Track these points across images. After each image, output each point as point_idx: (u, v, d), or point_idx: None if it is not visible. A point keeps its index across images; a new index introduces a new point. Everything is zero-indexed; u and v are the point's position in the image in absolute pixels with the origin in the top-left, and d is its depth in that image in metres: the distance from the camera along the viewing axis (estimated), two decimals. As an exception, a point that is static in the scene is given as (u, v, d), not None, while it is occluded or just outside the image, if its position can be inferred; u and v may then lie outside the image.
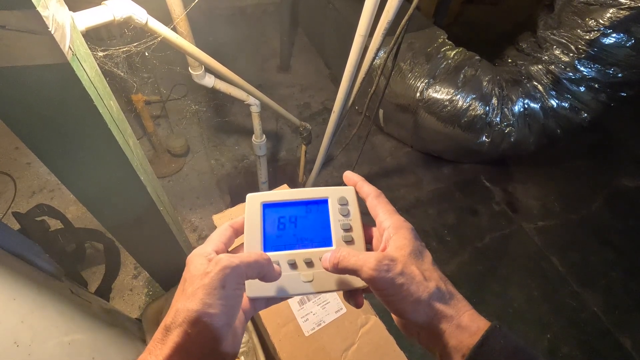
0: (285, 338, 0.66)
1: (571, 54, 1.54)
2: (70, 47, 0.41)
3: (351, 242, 0.35)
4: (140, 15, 0.57)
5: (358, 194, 0.37)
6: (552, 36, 1.60)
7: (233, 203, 1.66)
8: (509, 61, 1.82)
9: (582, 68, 1.54)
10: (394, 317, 0.32)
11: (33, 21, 0.35)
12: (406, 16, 0.77)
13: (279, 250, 0.35)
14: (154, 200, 0.69)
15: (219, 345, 0.27)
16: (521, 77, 1.69)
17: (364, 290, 0.34)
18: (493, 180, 1.93)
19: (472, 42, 1.91)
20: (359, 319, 0.68)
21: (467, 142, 1.74)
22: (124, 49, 0.62)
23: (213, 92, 2.01)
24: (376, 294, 0.31)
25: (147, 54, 0.66)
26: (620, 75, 1.52)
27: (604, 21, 1.41)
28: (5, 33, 0.35)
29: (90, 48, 0.48)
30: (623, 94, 1.60)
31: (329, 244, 0.35)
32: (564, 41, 1.55)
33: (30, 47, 0.37)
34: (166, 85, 1.95)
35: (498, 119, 1.66)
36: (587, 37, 1.47)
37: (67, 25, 0.41)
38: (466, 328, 0.28)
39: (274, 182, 1.69)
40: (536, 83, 1.65)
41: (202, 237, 1.55)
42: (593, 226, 1.79)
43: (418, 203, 1.79)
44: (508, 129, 1.68)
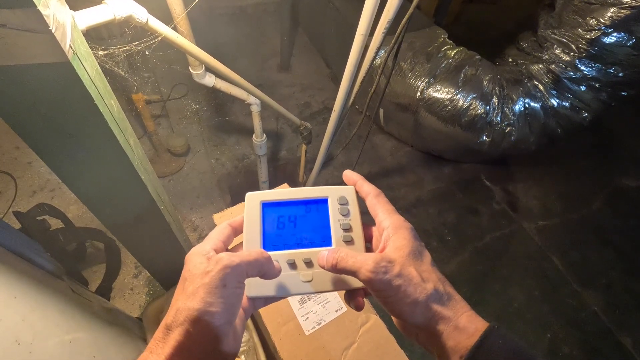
0: (285, 337, 0.66)
1: (572, 53, 1.54)
2: (70, 46, 0.41)
3: (351, 242, 0.35)
4: (140, 14, 0.57)
5: (358, 194, 0.37)
6: (553, 35, 1.60)
7: (233, 202, 1.66)
8: (510, 60, 1.82)
9: (583, 67, 1.54)
10: (393, 318, 0.32)
11: (34, 20, 0.35)
12: (406, 15, 0.77)
13: (278, 249, 0.35)
14: (155, 199, 0.69)
15: (220, 343, 0.27)
16: (522, 77, 1.69)
17: (365, 292, 0.34)
18: (493, 179, 1.93)
19: (473, 42, 1.91)
20: (360, 318, 0.68)
21: (468, 142, 1.74)
22: (125, 48, 0.62)
23: (213, 92, 2.02)
24: (374, 295, 0.31)
25: (148, 53, 0.66)
26: (621, 74, 1.52)
27: (605, 20, 1.41)
28: (6, 32, 0.35)
29: (90, 47, 0.48)
30: (624, 93, 1.60)
31: (329, 244, 0.35)
32: (565, 40, 1.55)
33: (31, 46, 0.37)
34: (167, 84, 1.96)
35: (499, 119, 1.66)
36: (588, 36, 1.47)
37: (68, 24, 0.41)
38: (464, 329, 0.28)
39: (275, 182, 1.69)
40: (537, 82, 1.65)
41: (203, 237, 1.55)
42: (593, 226, 1.79)
43: (418, 202, 1.79)
44: (508, 129, 1.68)
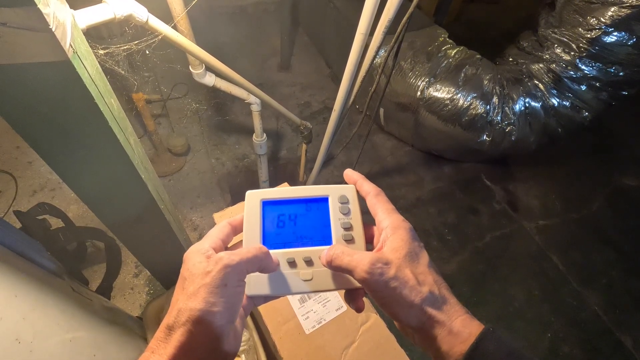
0: (285, 336, 0.66)
1: (572, 53, 1.54)
2: (71, 45, 0.41)
3: (351, 241, 0.35)
4: (140, 13, 0.57)
5: (358, 193, 0.37)
6: (554, 35, 1.59)
7: (234, 202, 1.66)
8: (510, 60, 1.81)
9: (584, 67, 1.53)
10: (395, 322, 0.32)
11: (34, 19, 0.35)
12: (407, 15, 0.77)
13: (278, 248, 0.35)
14: (155, 198, 0.69)
15: (222, 343, 0.28)
16: (522, 76, 1.69)
17: (365, 292, 0.34)
18: (494, 179, 1.93)
19: (473, 41, 1.91)
20: (360, 317, 0.68)
21: (468, 141, 1.74)
22: (125, 47, 0.62)
23: (214, 91, 2.02)
24: (370, 295, 0.31)
25: (148, 53, 0.66)
26: (621, 73, 1.52)
27: (606, 19, 1.41)
28: (6, 30, 0.35)
29: (91, 46, 0.48)
30: (624, 93, 1.60)
31: (329, 243, 0.35)
32: (565, 40, 1.55)
33: (31, 45, 0.37)
34: (167, 84, 1.96)
35: (499, 118, 1.66)
36: (589, 36, 1.47)
37: (68, 23, 0.41)
38: (457, 334, 0.28)
39: (275, 181, 1.69)
40: (537, 82, 1.65)
41: (203, 236, 1.55)
42: (594, 225, 1.79)
43: (419, 202, 1.79)
44: (509, 128, 1.68)
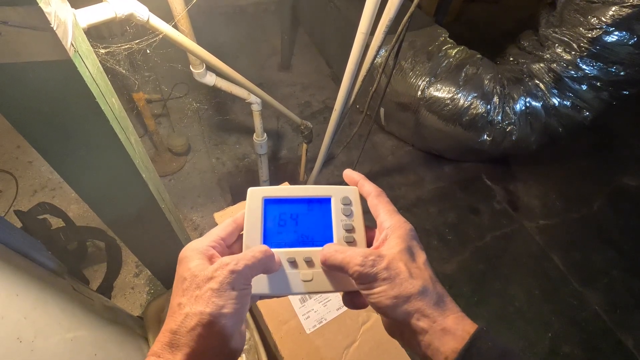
0: (286, 335, 0.66)
1: (573, 52, 1.53)
2: (72, 44, 0.41)
3: (353, 243, 0.35)
4: (141, 12, 0.57)
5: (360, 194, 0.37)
6: (554, 34, 1.59)
7: (234, 201, 1.66)
8: (511, 59, 1.81)
9: (584, 66, 1.53)
10: (382, 319, 0.31)
11: (35, 17, 0.35)
12: (407, 14, 0.77)
13: (279, 247, 0.34)
14: (156, 198, 0.69)
15: (230, 343, 0.27)
16: (523, 76, 1.69)
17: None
18: (494, 179, 1.93)
19: (474, 41, 1.91)
20: (360, 317, 0.68)
21: (469, 141, 1.74)
22: (126, 47, 0.62)
23: (214, 91, 2.02)
24: (362, 292, 0.30)
25: (149, 52, 0.66)
26: (622, 73, 1.52)
27: (607, 19, 1.41)
28: (7, 29, 0.35)
29: (92, 45, 0.48)
30: (625, 93, 1.60)
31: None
32: (566, 39, 1.55)
33: (32, 44, 0.37)
34: (167, 83, 1.96)
35: (499, 118, 1.66)
36: (590, 35, 1.46)
37: (69, 22, 0.41)
38: (450, 331, 0.27)
39: (275, 181, 1.69)
40: (538, 81, 1.65)
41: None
42: (595, 225, 1.79)
43: (419, 202, 1.79)
44: (509, 128, 1.68)
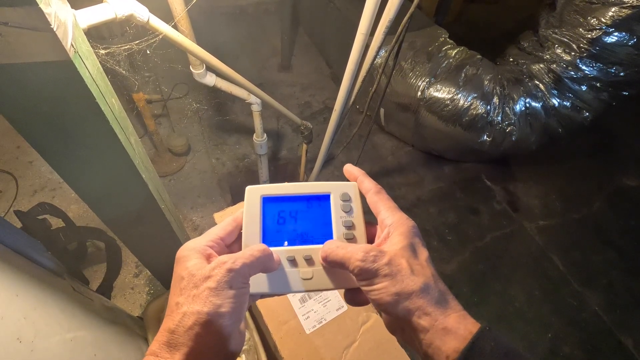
0: (286, 336, 0.66)
1: (573, 53, 1.53)
2: (72, 45, 0.41)
3: (353, 240, 0.34)
4: (141, 13, 0.57)
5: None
6: (554, 35, 1.59)
7: (234, 202, 1.66)
8: (511, 60, 1.81)
9: (584, 67, 1.53)
10: (383, 317, 0.31)
11: (35, 18, 0.35)
12: (407, 15, 0.77)
13: (278, 245, 0.34)
14: (156, 198, 0.69)
15: (228, 343, 0.27)
16: (523, 76, 1.69)
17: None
18: (494, 179, 1.93)
19: (474, 41, 1.91)
20: (360, 317, 0.68)
21: (468, 141, 1.74)
22: (126, 47, 0.62)
23: (214, 91, 2.02)
24: (362, 288, 0.30)
25: (149, 52, 0.66)
26: (622, 74, 1.52)
27: (606, 20, 1.41)
28: (7, 30, 0.35)
29: (92, 46, 0.49)
30: (625, 93, 1.60)
31: None
32: (566, 40, 1.55)
33: (32, 44, 0.37)
34: (167, 84, 1.96)
35: (499, 118, 1.66)
36: (589, 36, 1.47)
37: (69, 22, 0.41)
38: (452, 330, 0.27)
39: (275, 181, 1.69)
40: (538, 82, 1.65)
41: (203, 236, 1.55)
42: (594, 225, 1.79)
43: (419, 202, 1.79)
44: (509, 128, 1.68)
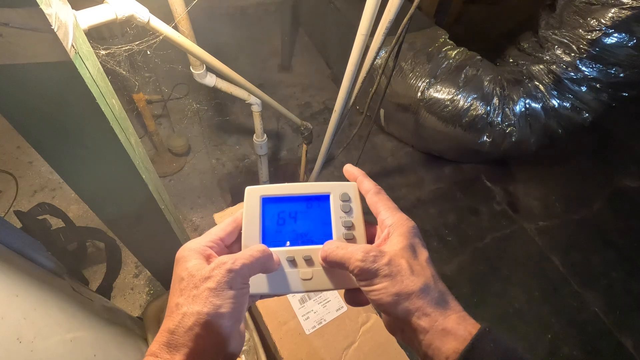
0: (286, 336, 0.66)
1: (573, 54, 1.54)
2: (73, 45, 0.41)
3: (353, 240, 0.34)
4: (142, 13, 0.57)
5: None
6: (554, 36, 1.60)
7: (234, 202, 1.66)
8: (511, 61, 1.82)
9: (584, 68, 1.54)
10: (383, 317, 0.31)
11: (36, 19, 0.35)
12: (407, 16, 0.77)
13: (278, 246, 0.34)
14: (156, 198, 0.69)
15: (228, 343, 0.27)
16: (522, 77, 1.69)
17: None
18: (494, 180, 1.93)
19: (474, 42, 1.91)
20: (360, 317, 0.68)
21: (468, 142, 1.74)
22: (126, 48, 0.62)
23: (214, 92, 2.02)
24: (362, 288, 0.30)
25: (149, 53, 0.66)
26: (621, 75, 1.52)
27: (606, 21, 1.41)
28: (8, 30, 0.35)
29: (92, 46, 0.49)
30: (625, 94, 1.60)
31: None
32: (566, 41, 1.55)
33: (33, 45, 0.37)
34: (167, 84, 1.96)
35: (499, 119, 1.66)
36: (589, 37, 1.47)
37: (70, 23, 0.41)
38: (451, 331, 0.27)
39: (275, 182, 1.68)
40: (537, 83, 1.65)
41: (203, 236, 1.55)
42: (594, 226, 1.79)
43: (419, 203, 1.79)
44: (509, 129, 1.68)
